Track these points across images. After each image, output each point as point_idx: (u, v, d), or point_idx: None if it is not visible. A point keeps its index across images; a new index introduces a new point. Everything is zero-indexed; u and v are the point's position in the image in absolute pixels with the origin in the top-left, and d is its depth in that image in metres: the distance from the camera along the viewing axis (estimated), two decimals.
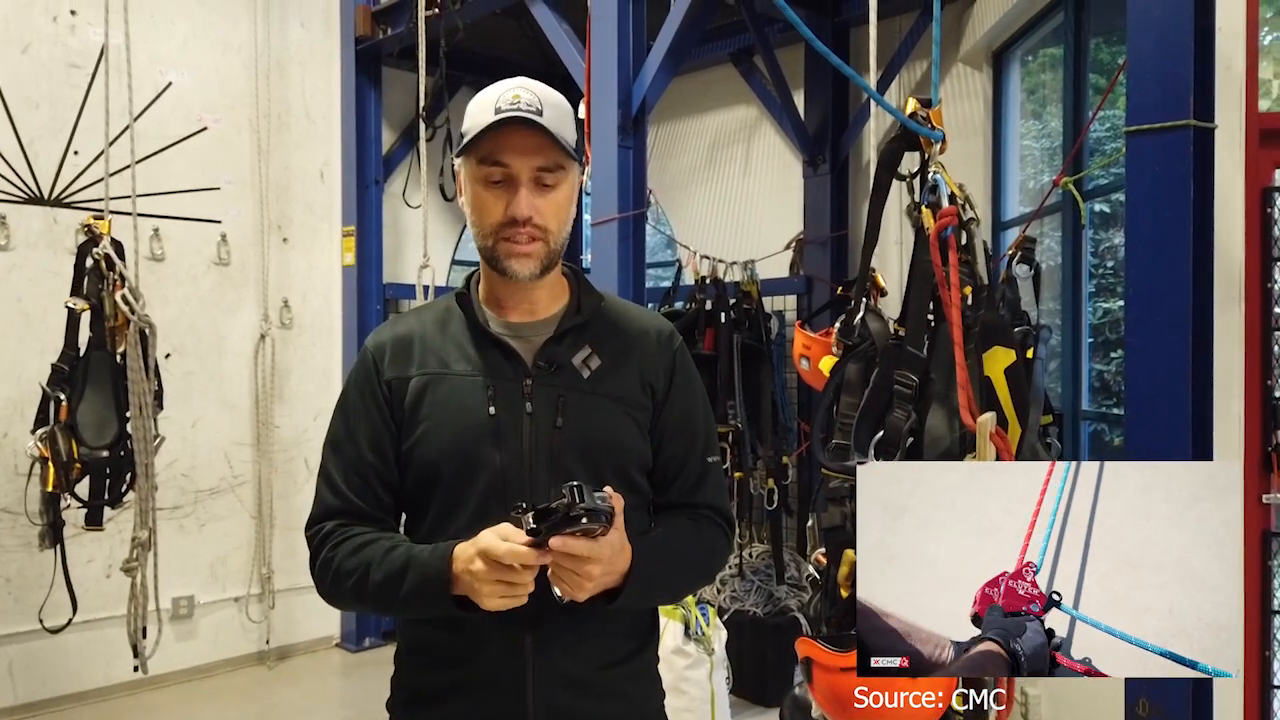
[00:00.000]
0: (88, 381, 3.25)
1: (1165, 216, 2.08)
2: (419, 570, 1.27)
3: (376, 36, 4.85)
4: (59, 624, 3.50)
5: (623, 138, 3.52)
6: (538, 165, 1.31)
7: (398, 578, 1.27)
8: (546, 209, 1.33)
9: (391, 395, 1.38)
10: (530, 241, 1.33)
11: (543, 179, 1.32)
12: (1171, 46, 2.07)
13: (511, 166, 1.31)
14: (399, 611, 1.36)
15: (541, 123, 1.28)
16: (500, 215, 1.32)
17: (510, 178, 1.31)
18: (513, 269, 1.34)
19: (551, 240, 1.34)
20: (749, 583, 4.24)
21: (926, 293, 1.76)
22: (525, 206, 1.31)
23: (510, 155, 1.30)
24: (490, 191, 1.33)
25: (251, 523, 4.71)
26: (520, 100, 1.29)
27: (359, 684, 4.59)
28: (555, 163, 1.32)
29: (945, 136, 1.74)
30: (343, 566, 1.32)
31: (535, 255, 1.33)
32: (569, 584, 1.20)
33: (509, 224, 1.32)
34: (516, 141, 1.30)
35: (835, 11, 4.42)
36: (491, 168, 1.31)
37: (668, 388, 1.43)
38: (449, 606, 1.25)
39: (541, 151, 1.31)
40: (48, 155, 4.10)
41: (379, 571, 1.29)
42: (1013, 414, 1.74)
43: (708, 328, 4.12)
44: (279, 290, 4.82)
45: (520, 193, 1.31)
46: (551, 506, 1.14)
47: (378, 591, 1.29)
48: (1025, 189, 4.01)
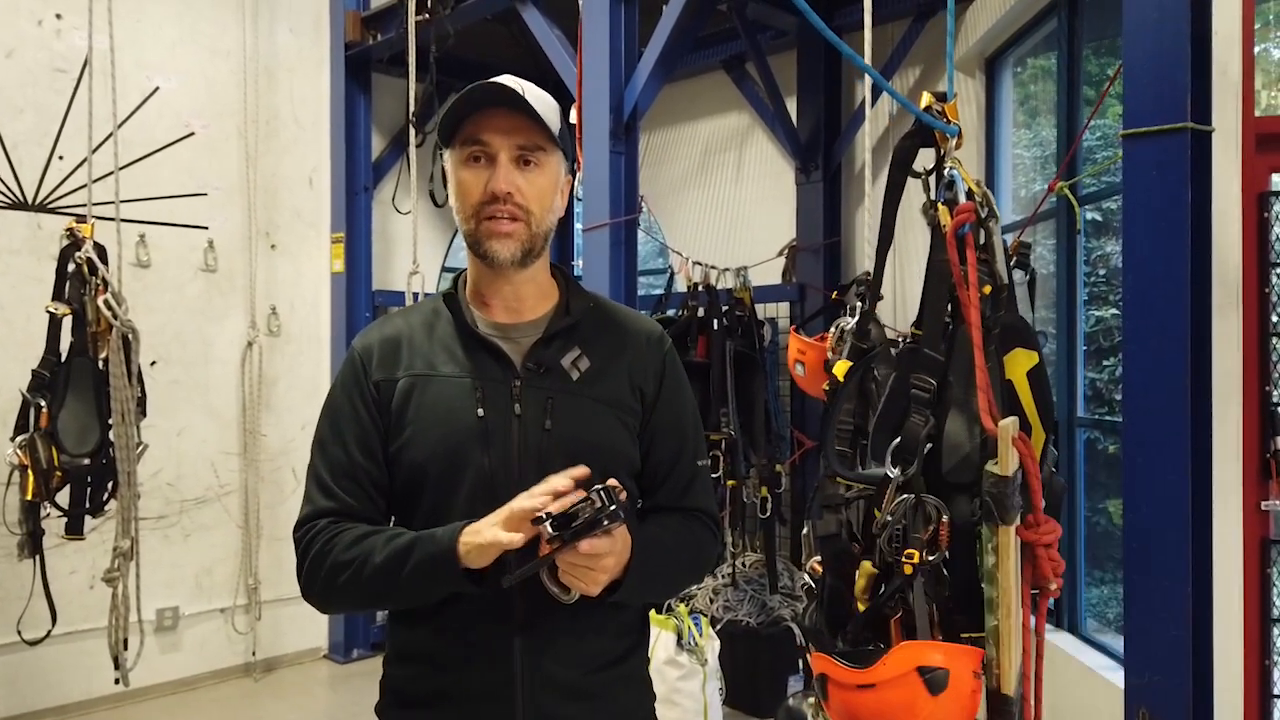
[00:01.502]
0: (69, 388, 3.20)
1: (1162, 220, 2.06)
2: (426, 545, 1.26)
3: (366, 42, 4.82)
4: (38, 636, 3.43)
5: (614, 143, 3.51)
6: (518, 143, 1.31)
7: (402, 556, 1.26)
8: (528, 189, 1.32)
9: (379, 396, 1.37)
10: (511, 221, 1.32)
11: (525, 157, 1.32)
12: (1168, 50, 2.05)
13: (491, 144, 1.31)
14: (398, 595, 1.32)
15: (524, 97, 1.29)
16: (480, 193, 1.31)
17: (489, 155, 1.31)
18: (493, 250, 1.32)
19: (533, 223, 1.33)
20: (742, 592, 4.21)
21: (944, 293, 1.68)
22: (504, 181, 1.30)
23: (490, 134, 1.31)
24: (471, 170, 1.33)
25: (238, 533, 4.65)
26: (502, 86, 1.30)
27: (347, 696, 4.52)
28: (535, 143, 1.32)
29: (961, 131, 1.70)
30: (339, 559, 1.30)
31: (516, 236, 1.32)
32: (585, 581, 1.20)
33: (489, 201, 1.31)
34: (497, 122, 1.30)
35: (828, 18, 4.41)
36: (472, 147, 1.32)
37: (657, 391, 1.42)
38: (458, 579, 1.23)
39: (521, 131, 1.31)
40: (32, 160, 4.05)
41: (381, 555, 1.27)
42: (1036, 418, 1.68)
43: (700, 335, 4.10)
44: (267, 297, 4.77)
45: (499, 168, 1.31)
46: (574, 513, 1.15)
47: (377, 574, 1.27)
48: (1017, 197, 4.00)
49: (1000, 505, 1.52)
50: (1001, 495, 1.51)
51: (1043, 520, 1.58)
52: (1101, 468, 3.50)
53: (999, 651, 1.55)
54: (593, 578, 1.20)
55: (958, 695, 1.52)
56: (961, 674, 1.53)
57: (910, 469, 1.64)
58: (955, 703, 1.52)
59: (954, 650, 1.56)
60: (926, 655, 1.54)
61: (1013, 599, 1.54)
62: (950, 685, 1.51)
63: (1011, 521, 1.53)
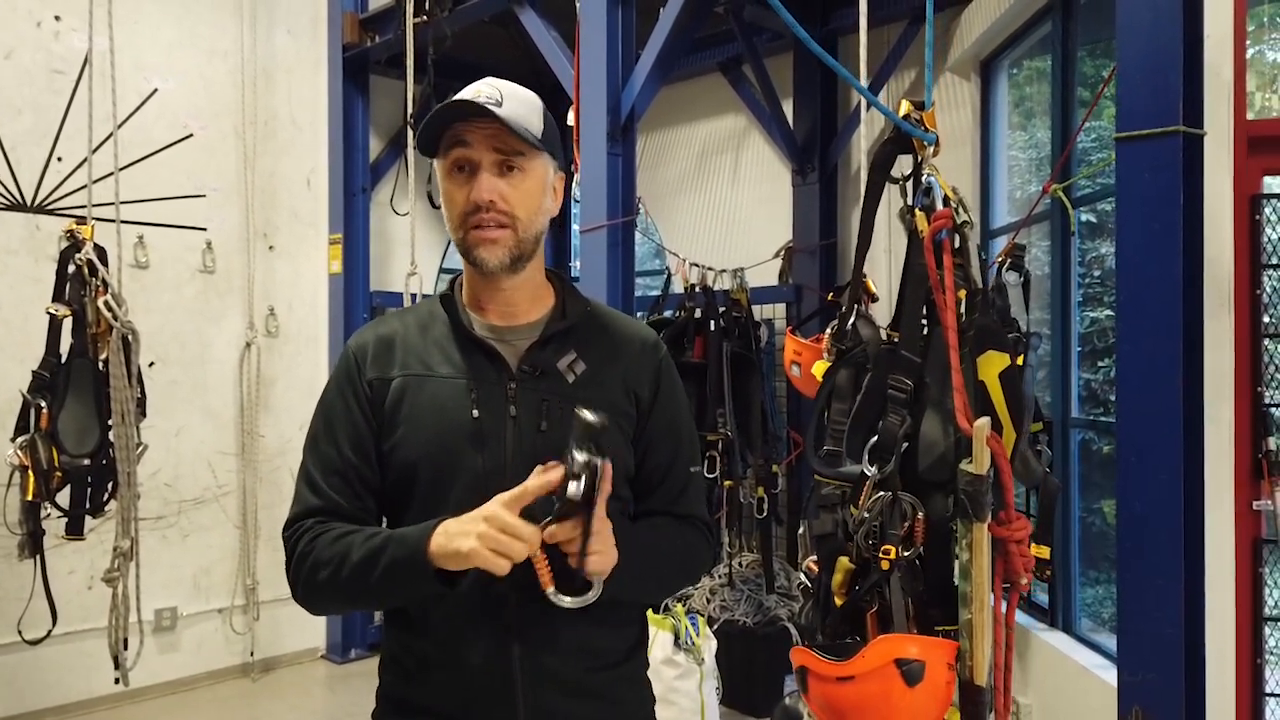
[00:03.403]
0: (69, 389, 3.20)
1: (1155, 223, 2.08)
2: (398, 545, 1.25)
3: (364, 44, 4.83)
4: (38, 636, 3.44)
5: (611, 145, 3.52)
6: (496, 147, 1.31)
7: (375, 556, 1.26)
8: (512, 195, 1.32)
9: (373, 395, 1.37)
10: (498, 228, 1.32)
11: (507, 162, 1.32)
12: (1161, 53, 2.07)
13: (471, 152, 1.31)
14: (375, 596, 1.32)
15: (498, 112, 1.28)
16: (464, 203, 1.32)
17: (471, 162, 1.32)
18: (480, 257, 1.33)
19: (520, 229, 1.33)
20: (739, 592, 4.22)
21: (920, 296, 1.74)
22: (486, 190, 1.30)
23: (469, 140, 1.31)
24: (454, 181, 1.33)
25: (236, 533, 4.66)
26: (480, 94, 1.30)
27: (344, 696, 4.53)
28: (515, 148, 1.32)
29: (939, 139, 1.73)
30: (320, 557, 1.30)
31: (503, 242, 1.32)
32: (606, 553, 1.21)
33: (473, 210, 1.31)
34: (475, 130, 1.30)
35: (824, 20, 4.44)
36: (454, 152, 1.32)
37: (653, 397, 1.43)
38: (429, 581, 1.22)
39: (500, 137, 1.31)
40: (30, 161, 4.06)
41: (357, 553, 1.27)
42: (1007, 419, 1.73)
43: (697, 336, 4.11)
44: (265, 298, 4.78)
45: (481, 176, 1.31)
46: (569, 498, 1.16)
47: (353, 574, 1.27)
48: (1012, 199, 4.02)
49: (974, 503, 1.57)
50: (975, 493, 1.57)
51: (1014, 517, 1.64)
52: (1096, 468, 3.52)
53: (972, 644, 1.61)
54: (608, 546, 1.21)
55: (933, 686, 1.58)
56: (937, 666, 1.59)
57: (887, 467, 1.70)
58: (931, 693, 1.58)
59: (929, 643, 1.62)
60: (903, 648, 1.60)
61: (985, 593, 1.60)
62: (926, 677, 1.57)
63: (984, 519, 1.58)
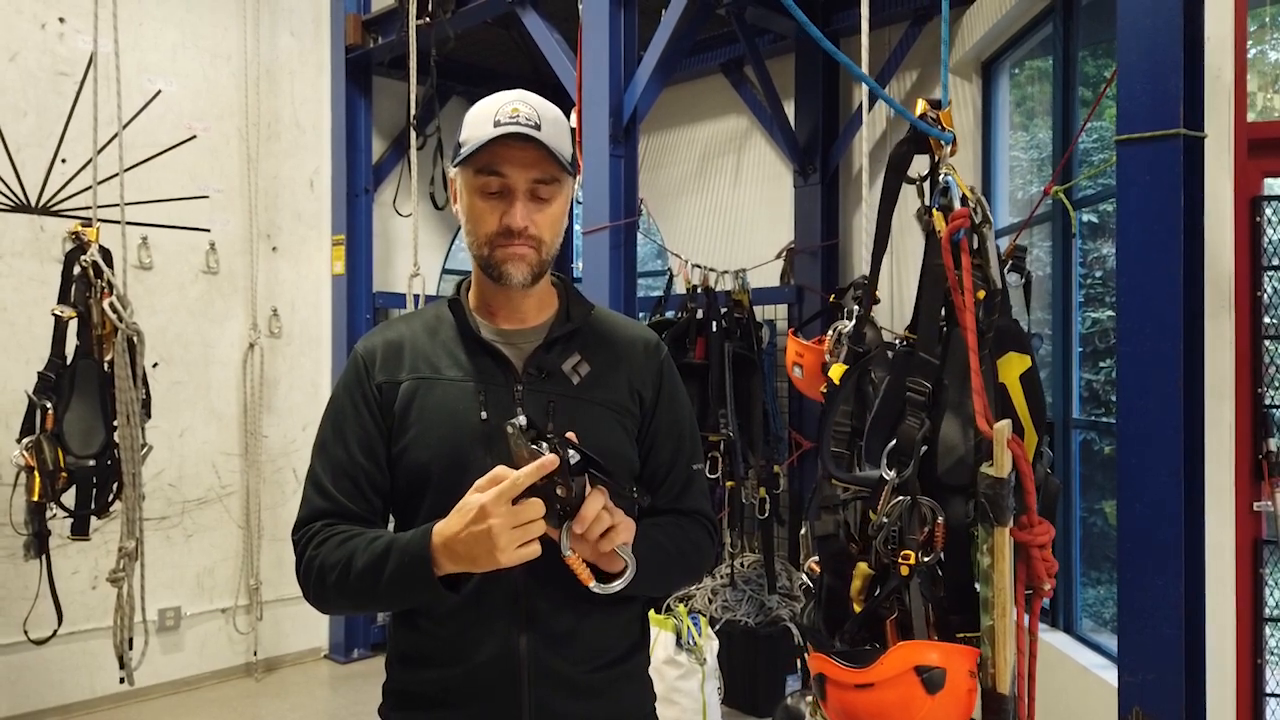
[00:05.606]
0: (74, 390, 3.22)
1: (1156, 225, 2.08)
2: (400, 552, 1.25)
3: (367, 45, 4.84)
4: (44, 635, 3.45)
5: (614, 146, 3.53)
6: (534, 178, 1.33)
7: (380, 563, 1.26)
8: (542, 221, 1.35)
9: (382, 398, 1.38)
10: (525, 248, 1.35)
11: (538, 191, 1.34)
12: (1161, 56, 2.08)
13: (509, 179, 1.33)
14: (382, 602, 1.32)
15: (539, 137, 1.30)
16: (496, 225, 1.34)
17: (507, 189, 1.33)
18: (508, 273, 1.35)
19: (544, 250, 1.37)
20: (740, 592, 4.23)
21: (938, 297, 1.71)
22: (521, 218, 1.33)
23: (508, 168, 1.32)
24: (487, 202, 1.35)
25: (239, 533, 4.67)
26: (519, 114, 1.31)
27: (347, 696, 4.55)
28: (551, 175, 1.34)
29: (955, 138, 1.72)
30: (327, 561, 1.31)
31: (528, 260, 1.36)
32: (623, 520, 1.22)
33: (504, 234, 1.34)
34: (514, 154, 1.32)
35: (826, 22, 4.44)
36: (489, 178, 1.33)
37: (656, 397, 1.45)
38: (433, 587, 1.22)
39: (538, 165, 1.33)
40: (35, 163, 4.07)
41: (362, 559, 1.28)
42: (1029, 421, 1.70)
43: (699, 337, 4.12)
44: (268, 299, 4.80)
45: (516, 205, 1.33)
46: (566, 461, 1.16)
47: (360, 581, 1.27)
48: (1013, 199, 4.03)
49: (995, 506, 1.54)
50: (996, 497, 1.54)
51: (1036, 521, 1.60)
52: (1097, 469, 3.52)
53: (994, 651, 1.57)
54: (613, 508, 1.22)
55: (954, 694, 1.54)
56: (958, 673, 1.55)
57: (906, 471, 1.66)
58: (952, 702, 1.54)
59: (950, 650, 1.58)
60: (924, 655, 1.56)
61: (1007, 599, 1.56)
62: (947, 684, 1.53)
63: (1006, 523, 1.55)
